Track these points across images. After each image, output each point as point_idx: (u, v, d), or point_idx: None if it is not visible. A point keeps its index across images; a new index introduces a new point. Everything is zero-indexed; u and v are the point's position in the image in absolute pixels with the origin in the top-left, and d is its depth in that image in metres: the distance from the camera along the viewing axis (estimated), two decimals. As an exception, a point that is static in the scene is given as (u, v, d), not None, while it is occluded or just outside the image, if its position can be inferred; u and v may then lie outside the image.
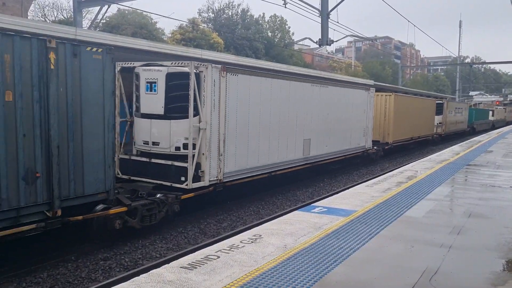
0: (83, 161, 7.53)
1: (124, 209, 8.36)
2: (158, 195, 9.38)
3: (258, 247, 5.52)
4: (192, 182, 9.67)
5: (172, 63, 10.20)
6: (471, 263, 5.18)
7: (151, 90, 10.06)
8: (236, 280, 4.47)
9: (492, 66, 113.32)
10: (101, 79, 7.74)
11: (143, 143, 10.41)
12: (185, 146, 9.82)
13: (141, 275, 4.66)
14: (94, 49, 7.62)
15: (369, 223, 6.73)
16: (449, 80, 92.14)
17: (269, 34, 56.13)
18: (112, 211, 8.13)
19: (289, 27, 59.96)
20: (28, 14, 26.73)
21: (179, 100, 9.83)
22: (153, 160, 10.20)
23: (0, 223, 6.45)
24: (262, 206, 12.32)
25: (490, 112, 50.93)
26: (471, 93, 71.18)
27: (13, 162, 6.56)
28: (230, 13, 50.39)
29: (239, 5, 51.74)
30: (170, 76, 9.88)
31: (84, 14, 30.42)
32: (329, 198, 8.96)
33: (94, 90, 7.64)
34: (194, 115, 9.75)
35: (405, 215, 7.27)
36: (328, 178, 17.06)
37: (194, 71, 9.66)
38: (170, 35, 41.62)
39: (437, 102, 30.94)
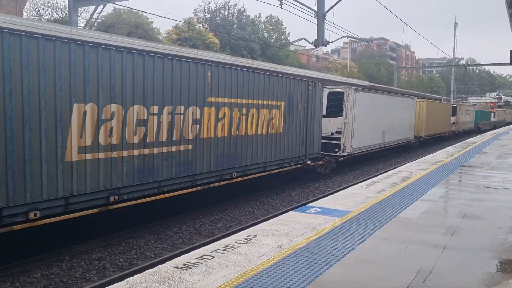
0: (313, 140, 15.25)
1: (321, 162, 16.07)
2: (323, 161, 16.24)
3: (253, 247, 5.52)
4: (341, 153, 17.48)
5: (332, 86, 18.20)
6: (465, 263, 5.21)
7: None
8: (231, 280, 4.47)
9: (486, 68, 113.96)
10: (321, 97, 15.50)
11: None
12: (337, 132, 17.33)
13: (135, 275, 4.65)
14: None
15: (364, 223, 6.75)
16: (444, 81, 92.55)
17: (265, 34, 56.15)
18: (318, 163, 15.80)
19: (285, 28, 60.02)
20: (23, 12, 26.58)
21: (333, 107, 17.31)
22: (322, 141, 16.37)
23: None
24: (257, 207, 12.32)
25: (492, 114, 58.00)
26: (469, 99, 72.13)
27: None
28: (226, 13, 50.38)
29: (235, 5, 51.63)
30: (330, 94, 17.38)
31: (79, 13, 30.33)
32: (324, 198, 8.97)
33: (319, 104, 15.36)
34: (341, 115, 17.23)
35: (400, 216, 7.29)
36: (323, 179, 17.09)
37: (343, 91, 17.41)
38: (166, 35, 41.55)
39: (452, 105, 38.50)
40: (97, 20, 33.72)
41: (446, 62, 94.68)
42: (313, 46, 19.24)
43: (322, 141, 16.16)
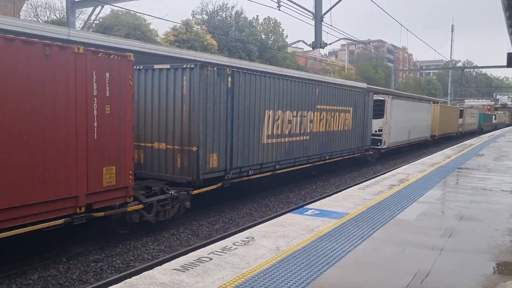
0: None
1: (371, 153, 21.22)
2: (371, 151, 21.16)
3: (251, 249, 5.51)
4: (382, 146, 22.57)
5: (375, 95, 22.57)
6: (462, 265, 5.22)
7: None
8: (228, 282, 4.47)
9: (483, 70, 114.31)
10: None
11: None
12: (379, 130, 22.15)
13: (133, 277, 4.64)
14: None
15: (362, 225, 6.76)
16: (441, 83, 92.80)
17: (263, 36, 56.21)
18: (369, 153, 20.86)
19: (283, 30, 60.10)
20: (21, 14, 26.54)
21: (377, 111, 21.54)
22: (372, 137, 21.01)
23: None
24: (255, 208, 12.32)
25: (493, 116, 63.50)
26: (466, 101, 73.09)
27: None
28: (224, 15, 50.43)
29: (233, 7, 51.69)
30: (375, 101, 21.17)
31: (77, 15, 30.28)
32: (322, 200, 8.97)
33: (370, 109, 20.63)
34: (382, 117, 22.21)
35: (397, 218, 7.30)
36: (321, 180, 17.11)
37: (384, 99, 22.52)
38: (163, 36, 41.54)
39: (460, 109, 43.44)
40: (95, 22, 33.69)
41: (443, 65, 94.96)
42: (311, 48, 19.27)
43: (372, 137, 21.63)
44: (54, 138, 7.09)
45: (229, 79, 11.05)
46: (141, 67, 10.71)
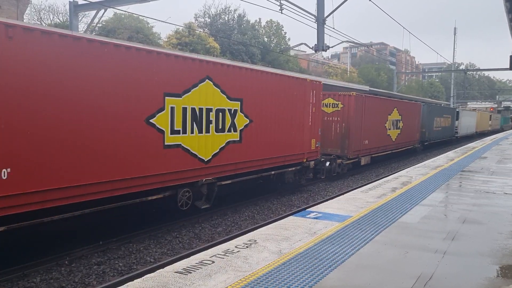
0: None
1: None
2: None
3: (253, 252, 5.51)
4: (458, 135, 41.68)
5: (460, 106, 58.24)
6: (465, 269, 5.20)
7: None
8: (230, 285, 4.46)
9: (486, 73, 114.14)
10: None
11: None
12: (456, 127, 39.00)
13: (135, 280, 4.64)
14: None
15: (364, 228, 6.74)
16: (443, 86, 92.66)
17: (265, 39, 56.25)
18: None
19: (285, 33, 60.12)
20: (24, 17, 26.66)
21: (457, 114, 40.20)
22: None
23: None
24: (257, 211, 12.31)
25: (510, 118, 78.13)
26: (469, 104, 74.46)
27: None
28: (226, 18, 50.49)
29: (235, 10, 51.50)
30: (452, 108, 41.60)
31: (80, 18, 30.42)
32: (324, 203, 8.96)
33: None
34: (458, 119, 39.94)
35: (400, 221, 7.28)
36: (323, 183, 17.09)
37: (458, 110, 42.05)
38: (166, 40, 41.62)
39: (489, 114, 61.93)
40: (98, 25, 33.81)
41: (446, 67, 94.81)
42: (313, 51, 19.26)
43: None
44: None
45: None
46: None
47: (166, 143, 9.23)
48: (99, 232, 8.98)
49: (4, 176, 6.44)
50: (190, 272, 4.76)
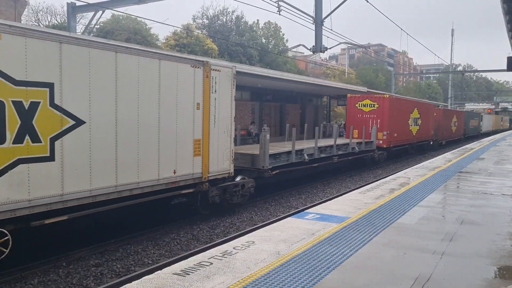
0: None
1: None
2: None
3: (251, 253, 5.50)
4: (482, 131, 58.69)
5: (483, 110, 71.50)
6: (463, 270, 5.20)
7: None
8: (228, 287, 4.46)
9: (483, 74, 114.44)
10: None
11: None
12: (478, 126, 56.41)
13: (133, 282, 4.63)
14: None
15: (362, 229, 6.74)
16: (441, 87, 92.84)
17: (263, 40, 56.27)
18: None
19: (283, 34, 60.12)
20: (22, 18, 26.62)
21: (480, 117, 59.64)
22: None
23: None
24: (255, 213, 12.30)
25: None
26: (467, 105, 75.49)
27: None
28: (224, 20, 50.49)
29: (233, 11, 51.49)
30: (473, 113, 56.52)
31: (78, 19, 30.36)
32: (322, 204, 8.97)
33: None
34: (482, 121, 59.78)
35: (398, 222, 7.29)
36: (321, 184, 17.09)
37: (481, 114, 61.48)
38: (164, 41, 41.60)
39: (502, 116, 73.76)
40: (96, 26, 33.77)
41: (444, 68, 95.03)
42: (311, 52, 19.28)
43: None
44: None
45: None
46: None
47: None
48: (97, 233, 8.96)
49: None
50: (188, 274, 4.75)
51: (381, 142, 22.62)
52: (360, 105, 23.19)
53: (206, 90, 10.29)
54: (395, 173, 15.95)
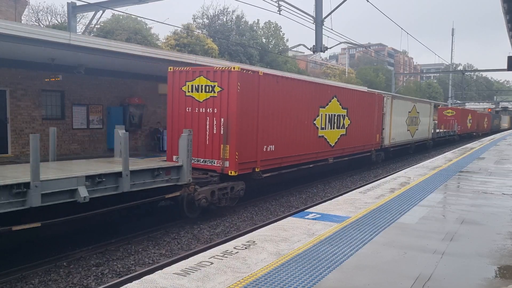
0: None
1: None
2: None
3: (252, 253, 5.50)
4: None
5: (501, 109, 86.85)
6: (464, 269, 5.20)
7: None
8: (229, 286, 4.46)
9: (484, 73, 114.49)
10: None
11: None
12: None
13: (134, 281, 4.63)
14: None
15: (363, 229, 6.75)
16: (441, 87, 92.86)
17: (264, 40, 56.30)
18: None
19: (283, 34, 60.21)
20: (22, 18, 26.64)
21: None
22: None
23: None
24: (256, 212, 12.30)
25: None
26: (467, 104, 76.04)
27: None
28: (224, 19, 50.51)
29: (233, 11, 51.52)
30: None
31: (78, 19, 30.38)
32: (323, 204, 8.96)
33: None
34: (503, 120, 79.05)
35: (398, 222, 7.29)
36: (322, 184, 17.09)
37: (500, 115, 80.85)
38: (164, 41, 41.62)
39: (510, 117, 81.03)
40: (96, 26, 33.78)
41: (444, 68, 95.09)
42: (312, 52, 19.29)
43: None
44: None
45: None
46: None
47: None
48: (99, 233, 8.97)
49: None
50: (189, 274, 4.75)
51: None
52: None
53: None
54: (395, 172, 15.95)
